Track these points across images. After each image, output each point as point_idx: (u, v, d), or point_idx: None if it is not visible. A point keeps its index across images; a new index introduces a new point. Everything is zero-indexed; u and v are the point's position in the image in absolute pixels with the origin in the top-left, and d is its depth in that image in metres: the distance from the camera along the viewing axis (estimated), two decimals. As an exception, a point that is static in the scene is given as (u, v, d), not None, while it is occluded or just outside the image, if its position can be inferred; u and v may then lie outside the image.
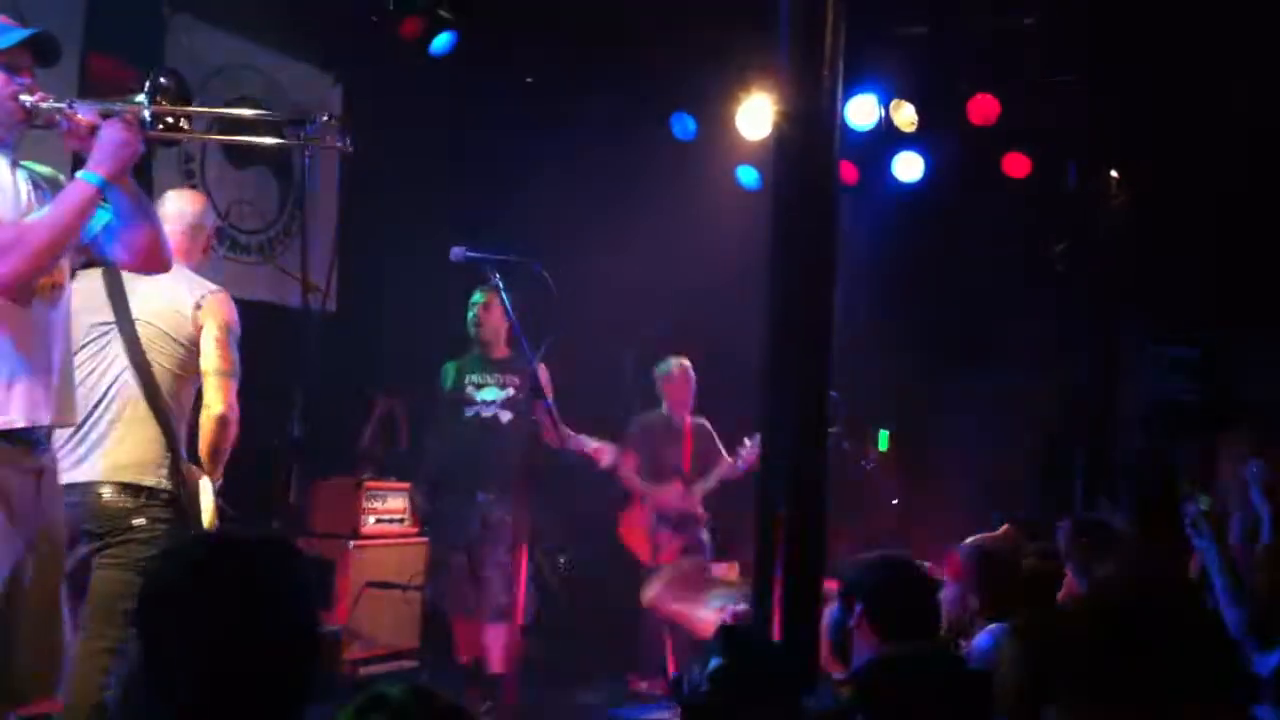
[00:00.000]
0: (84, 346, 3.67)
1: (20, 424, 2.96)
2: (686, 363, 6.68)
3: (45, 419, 3.03)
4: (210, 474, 3.78)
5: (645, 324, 7.21)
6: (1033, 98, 6.99)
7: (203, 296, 3.82)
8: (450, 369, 5.72)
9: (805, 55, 3.95)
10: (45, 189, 3.13)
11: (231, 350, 3.81)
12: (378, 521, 6.34)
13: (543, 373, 5.40)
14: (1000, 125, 7.05)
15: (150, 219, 3.22)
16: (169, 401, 3.73)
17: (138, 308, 3.76)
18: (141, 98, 3.08)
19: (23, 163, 3.13)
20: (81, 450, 3.65)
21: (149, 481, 3.67)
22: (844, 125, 6.88)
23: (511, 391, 5.61)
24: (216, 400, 3.76)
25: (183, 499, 3.70)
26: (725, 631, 2.71)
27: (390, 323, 6.89)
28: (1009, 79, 6.99)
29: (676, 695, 2.54)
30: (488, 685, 5.47)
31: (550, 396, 5.41)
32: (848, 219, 4.86)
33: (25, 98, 3.01)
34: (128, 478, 3.66)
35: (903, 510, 7.80)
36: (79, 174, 3.01)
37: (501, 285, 5.09)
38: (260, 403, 4.00)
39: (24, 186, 3.08)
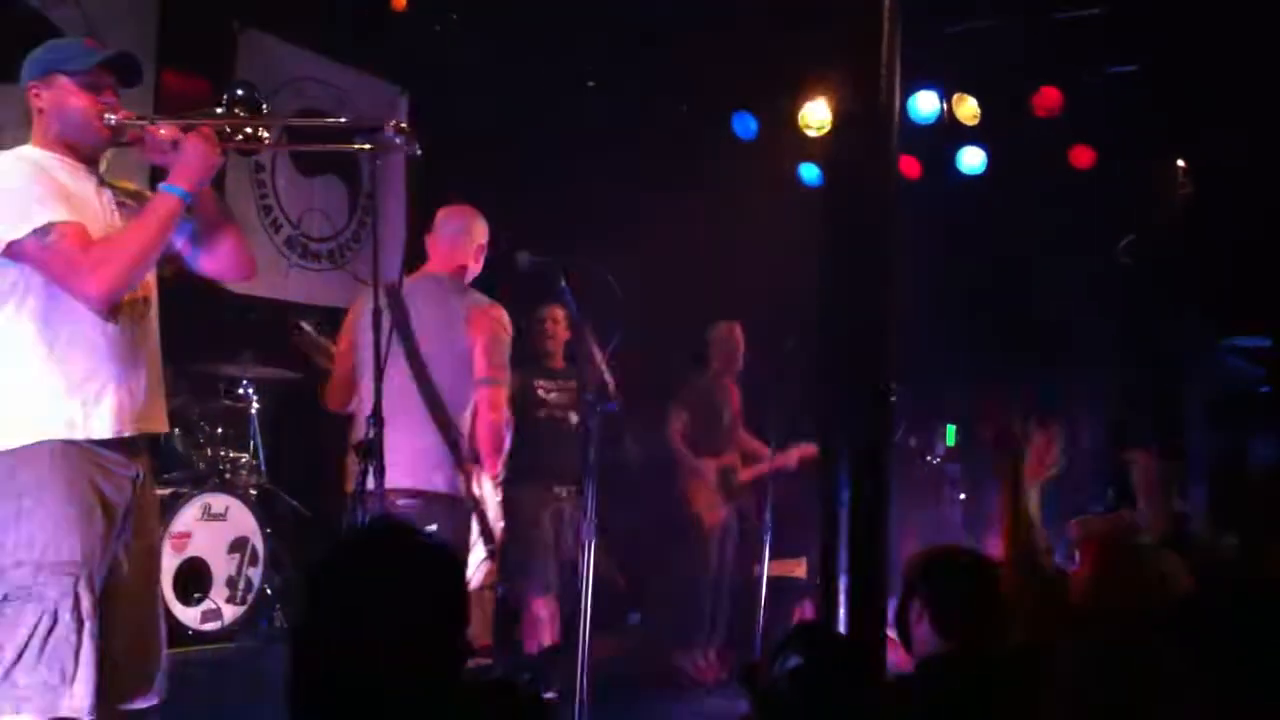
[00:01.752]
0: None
1: (108, 434, 3.07)
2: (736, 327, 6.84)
3: (134, 429, 3.13)
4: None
5: (709, 323, 7.23)
6: (1098, 89, 6.93)
7: (469, 310, 4.26)
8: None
9: (863, 52, 3.97)
10: (130, 206, 3.23)
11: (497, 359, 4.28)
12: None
13: (608, 376, 5.47)
14: (1065, 117, 6.99)
15: (232, 227, 3.32)
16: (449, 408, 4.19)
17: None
18: (218, 110, 3.18)
19: (108, 180, 3.23)
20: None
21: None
22: (906, 119, 6.93)
23: (573, 395, 5.79)
24: (485, 407, 4.22)
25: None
26: (803, 629, 2.74)
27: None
28: (1073, 70, 6.93)
29: (748, 685, 2.56)
30: (549, 656, 5.64)
31: (616, 401, 5.48)
32: (910, 213, 4.86)
33: (109, 116, 3.12)
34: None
35: (970, 505, 7.76)
36: (162, 186, 3.11)
37: (567, 289, 5.14)
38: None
39: (109, 204, 3.19)
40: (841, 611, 3.67)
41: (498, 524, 4.35)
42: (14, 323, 3.02)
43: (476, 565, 4.37)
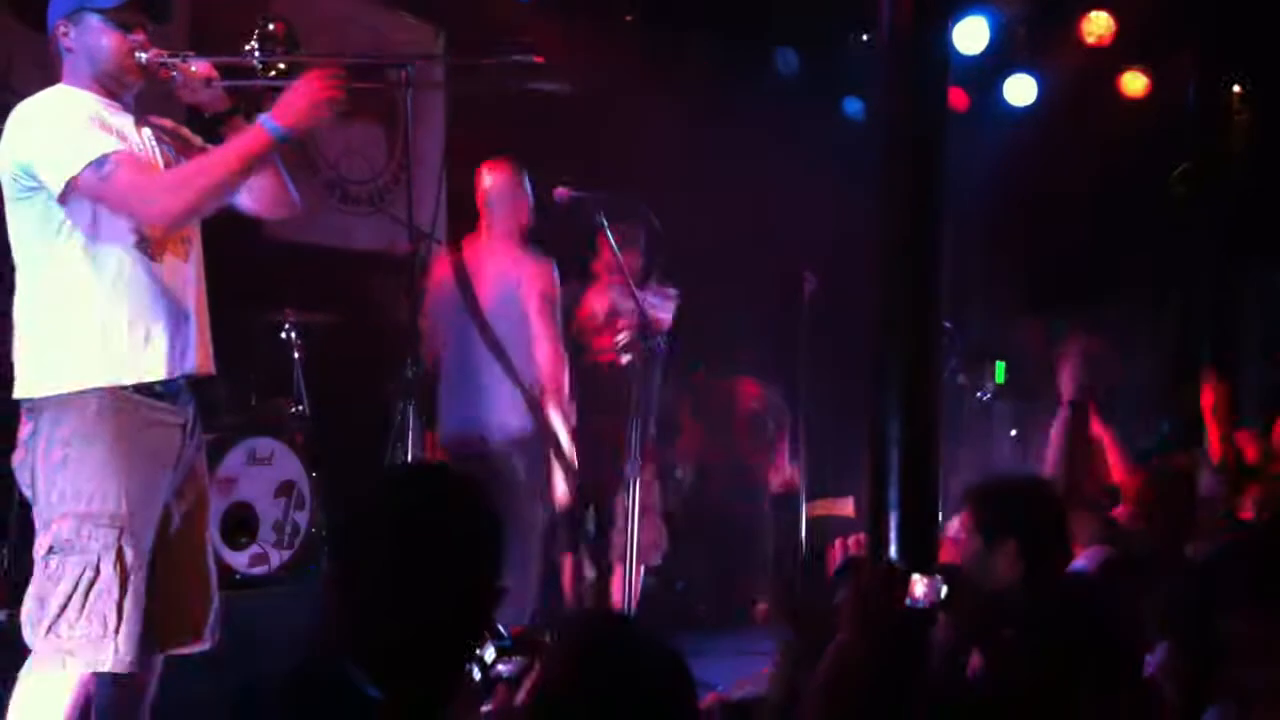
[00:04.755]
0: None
1: (159, 375, 3.03)
2: None
3: (181, 371, 3.09)
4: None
5: (751, 259, 7.15)
6: (1149, 12, 6.74)
7: (524, 271, 4.64)
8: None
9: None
10: (169, 143, 3.19)
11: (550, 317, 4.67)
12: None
13: (653, 310, 5.42)
14: (1116, 44, 6.81)
15: (275, 165, 3.23)
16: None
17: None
18: (252, 44, 3.11)
19: (145, 118, 3.18)
20: None
21: None
22: (953, 50, 6.78)
23: (626, 335, 5.70)
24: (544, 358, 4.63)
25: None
26: (849, 563, 2.69)
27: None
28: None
29: (793, 621, 2.51)
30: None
31: (661, 336, 5.45)
32: (959, 146, 4.75)
33: (140, 54, 3.05)
34: None
35: (1020, 443, 7.66)
36: (261, 119, 3.01)
37: (606, 225, 5.08)
38: (374, 349, 4.08)
39: (149, 141, 3.14)
40: (892, 550, 3.62)
41: (572, 454, 4.70)
42: (60, 266, 2.98)
43: (560, 496, 4.75)
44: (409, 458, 4.05)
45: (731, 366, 7.07)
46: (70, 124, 2.95)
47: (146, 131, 3.15)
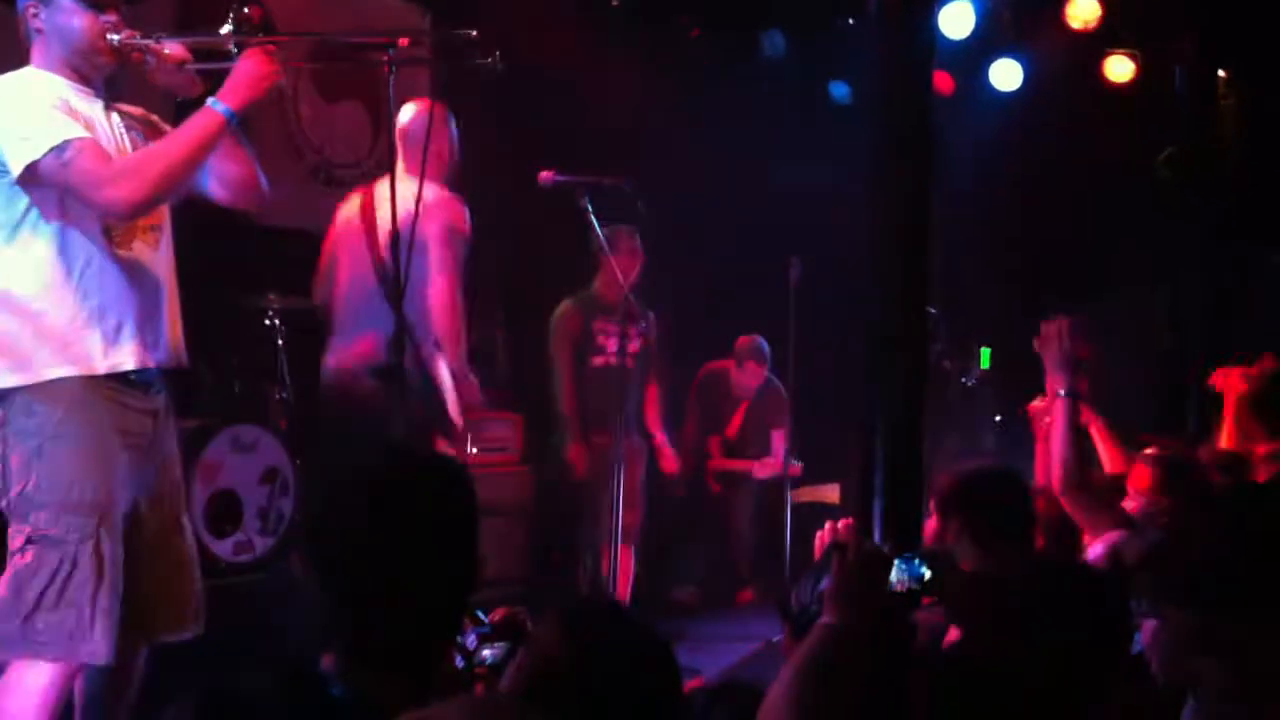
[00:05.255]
0: None
1: (130, 366, 3.01)
2: None
3: (154, 361, 3.08)
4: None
5: (740, 242, 7.13)
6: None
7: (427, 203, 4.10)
8: None
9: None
10: (138, 130, 3.15)
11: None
12: (481, 450, 6.41)
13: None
14: (1102, 28, 6.81)
15: (246, 154, 3.21)
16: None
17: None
18: (227, 28, 3.07)
19: (115, 105, 3.15)
20: None
21: None
22: (939, 33, 6.76)
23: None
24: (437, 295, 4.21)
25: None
26: (836, 549, 2.69)
27: (484, 249, 6.90)
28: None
29: (785, 614, 2.52)
30: None
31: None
32: (946, 130, 4.74)
33: (113, 36, 3.01)
34: None
35: (1005, 429, 7.67)
36: (209, 101, 2.99)
37: (591, 209, 5.07)
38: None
39: (118, 128, 3.11)
40: (876, 535, 3.62)
41: (456, 414, 4.32)
42: (28, 253, 2.95)
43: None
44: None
45: (723, 352, 7.06)
46: (35, 108, 2.92)
47: (115, 118, 3.12)
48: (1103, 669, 2.20)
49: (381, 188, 4.20)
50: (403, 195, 4.00)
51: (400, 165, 4.29)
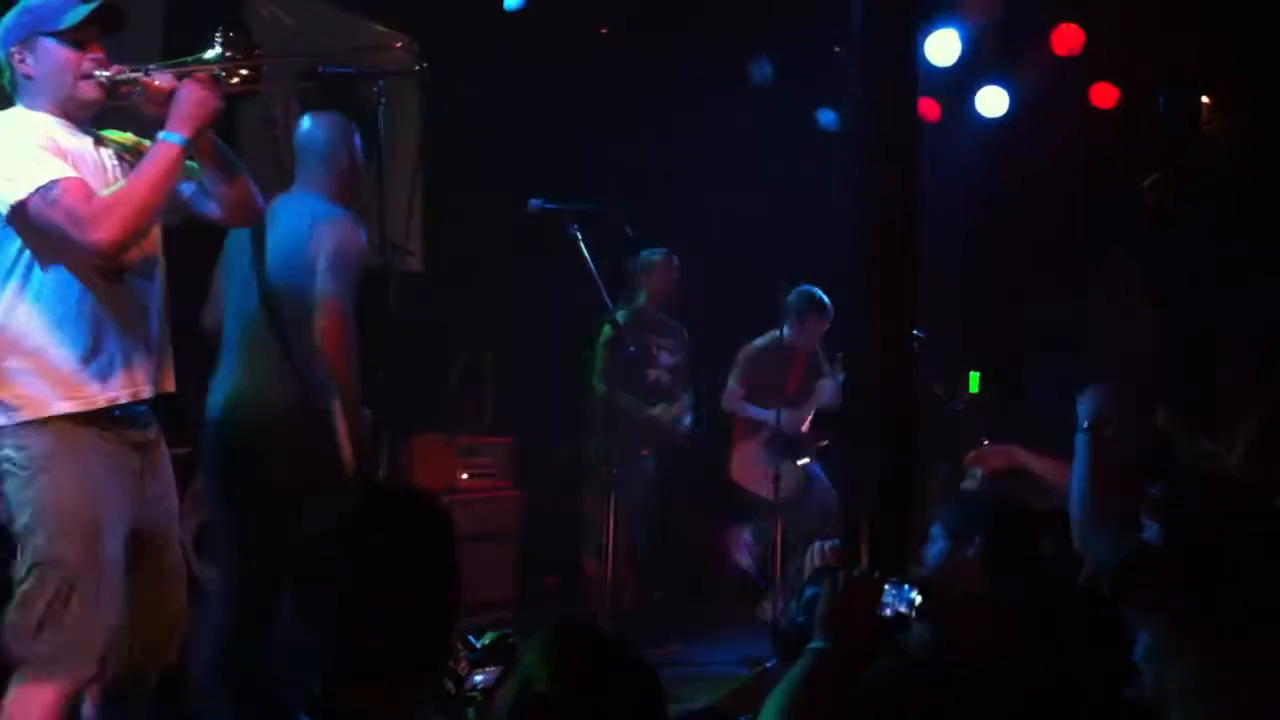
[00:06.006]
0: None
1: (125, 399, 3.05)
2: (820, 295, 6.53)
3: (146, 392, 3.11)
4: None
5: (726, 268, 7.15)
6: (1118, 24, 6.80)
7: (315, 223, 3.97)
8: None
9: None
10: (129, 160, 3.17)
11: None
12: (471, 476, 6.41)
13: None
14: (1086, 55, 6.87)
15: (239, 172, 3.25)
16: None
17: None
18: (212, 54, 3.08)
19: (103, 133, 3.17)
20: None
21: None
22: (925, 61, 6.81)
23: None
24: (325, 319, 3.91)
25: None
26: (822, 571, 2.71)
27: (469, 277, 6.93)
28: (1093, 6, 6.80)
29: (777, 642, 2.54)
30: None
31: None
32: (931, 157, 4.78)
33: (100, 73, 3.05)
34: None
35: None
36: (160, 135, 3.03)
37: (580, 237, 5.09)
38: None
39: (108, 160, 3.14)
40: (865, 559, 3.64)
41: (347, 447, 3.94)
42: (22, 294, 2.98)
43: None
44: (379, 466, 4.03)
45: (711, 376, 7.07)
46: (22, 148, 2.94)
47: (106, 150, 3.14)
48: (1099, 688, 2.21)
49: (275, 204, 3.99)
50: (295, 211, 4.00)
51: (297, 182, 4.16)
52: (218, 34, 3.09)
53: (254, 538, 3.85)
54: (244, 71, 3.10)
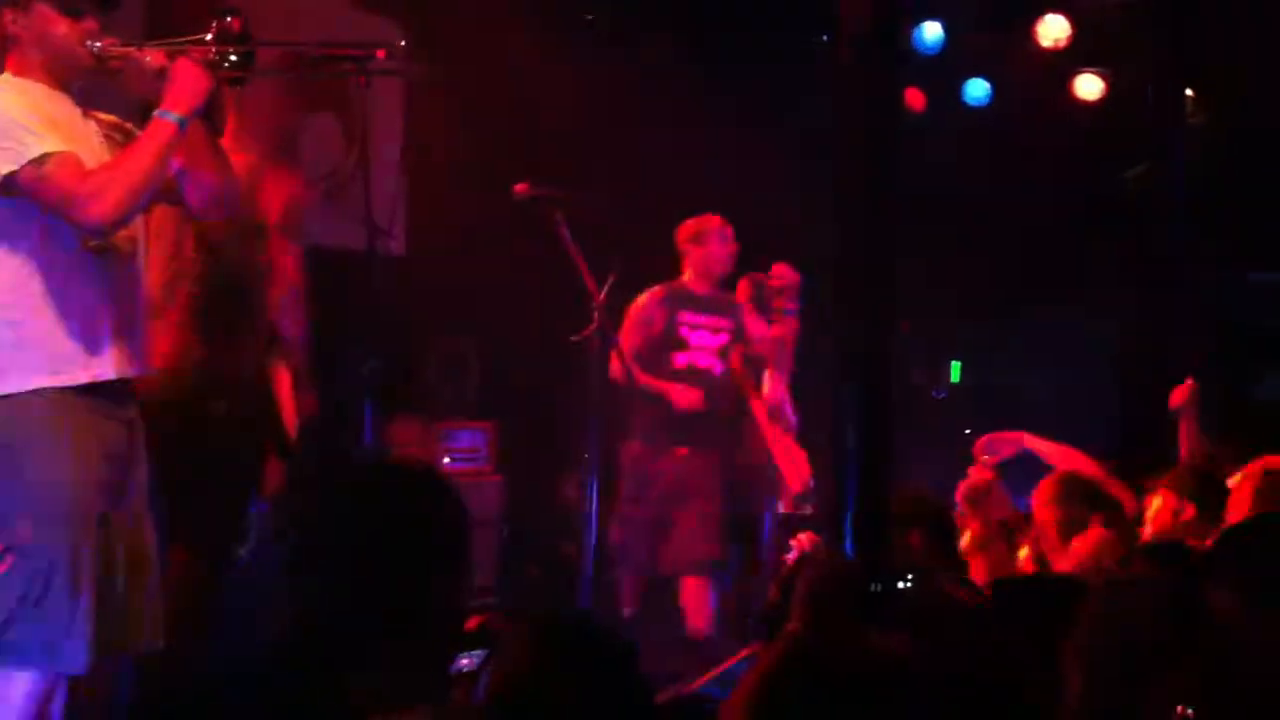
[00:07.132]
0: None
1: (110, 375, 3.02)
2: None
3: (132, 371, 3.09)
4: None
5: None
6: (1103, 16, 6.82)
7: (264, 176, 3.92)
8: None
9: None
10: (115, 139, 3.16)
11: None
12: (453, 460, 6.42)
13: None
14: (1071, 47, 6.89)
15: (221, 163, 3.22)
16: None
17: None
18: (208, 37, 3.07)
19: (90, 113, 3.15)
20: None
21: None
22: (910, 51, 6.83)
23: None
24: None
25: None
26: (805, 560, 2.74)
27: (456, 262, 6.92)
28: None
29: (760, 620, 2.55)
30: (689, 646, 5.32)
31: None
32: (915, 146, 4.80)
33: (93, 43, 3.02)
34: None
35: (974, 441, 7.72)
36: (157, 112, 3.00)
37: (564, 224, 5.09)
38: (331, 344, 4.06)
39: (96, 135, 3.12)
40: (847, 548, 3.66)
41: (291, 420, 3.85)
42: (7, 263, 2.94)
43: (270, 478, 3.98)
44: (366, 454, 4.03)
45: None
46: (13, 118, 2.91)
47: (92, 126, 3.12)
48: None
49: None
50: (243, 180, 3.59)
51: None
52: (214, 19, 3.07)
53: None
54: (234, 57, 3.08)
